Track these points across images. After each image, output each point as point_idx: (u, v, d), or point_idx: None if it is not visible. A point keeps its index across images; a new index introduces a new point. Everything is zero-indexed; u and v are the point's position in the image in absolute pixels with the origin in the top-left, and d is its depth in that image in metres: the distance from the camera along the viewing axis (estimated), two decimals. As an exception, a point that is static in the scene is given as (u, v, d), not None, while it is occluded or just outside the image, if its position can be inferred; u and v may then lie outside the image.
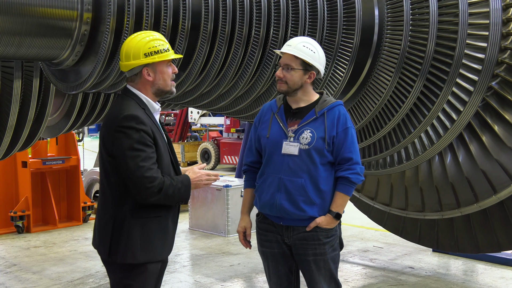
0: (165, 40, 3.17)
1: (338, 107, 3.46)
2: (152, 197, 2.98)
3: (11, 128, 4.83)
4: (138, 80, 3.14)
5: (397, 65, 4.45)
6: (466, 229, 5.76)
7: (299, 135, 3.40)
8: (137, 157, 2.95)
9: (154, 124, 3.11)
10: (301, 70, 3.40)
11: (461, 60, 4.56)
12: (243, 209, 3.69)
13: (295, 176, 3.38)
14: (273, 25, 4.10)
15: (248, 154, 3.67)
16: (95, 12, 3.63)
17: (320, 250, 3.42)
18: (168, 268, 6.78)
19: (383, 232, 8.14)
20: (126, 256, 3.07)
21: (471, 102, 4.74)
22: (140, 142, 2.97)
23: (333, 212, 3.41)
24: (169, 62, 3.17)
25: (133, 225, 3.07)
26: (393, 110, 4.68)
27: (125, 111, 3.02)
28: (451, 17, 4.52)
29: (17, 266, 7.03)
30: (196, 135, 22.38)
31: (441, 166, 5.43)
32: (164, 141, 3.17)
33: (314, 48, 3.43)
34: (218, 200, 8.62)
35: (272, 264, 3.57)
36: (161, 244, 3.15)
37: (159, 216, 3.13)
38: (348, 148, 3.39)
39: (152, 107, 3.16)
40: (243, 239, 3.65)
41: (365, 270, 6.76)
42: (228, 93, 4.44)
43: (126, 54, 3.10)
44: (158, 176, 2.99)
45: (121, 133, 2.98)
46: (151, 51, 3.08)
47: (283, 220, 3.45)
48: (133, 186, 2.98)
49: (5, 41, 3.49)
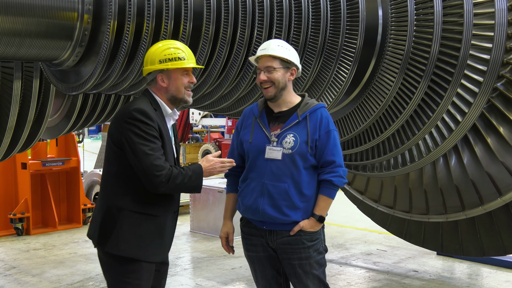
0: (185, 50, 3.28)
1: (320, 109, 3.47)
2: (161, 186, 3.07)
3: (11, 129, 4.84)
4: (154, 85, 3.29)
5: (401, 66, 4.45)
6: (471, 232, 5.76)
7: (282, 139, 3.42)
8: (146, 146, 3.06)
9: (163, 125, 3.21)
10: (282, 69, 3.44)
11: (466, 61, 4.55)
12: (225, 214, 3.72)
13: (278, 181, 3.39)
14: (276, 26, 4.10)
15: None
16: (96, 12, 3.64)
17: (305, 254, 3.43)
18: (169, 271, 6.77)
19: (386, 235, 8.13)
20: (116, 247, 3.13)
21: (476, 104, 4.74)
22: (148, 133, 3.08)
23: (316, 215, 3.43)
24: (185, 71, 3.27)
25: (127, 218, 3.13)
26: (397, 112, 4.67)
27: (135, 105, 3.15)
28: (456, 18, 4.52)
29: (17, 268, 7.04)
30: (197, 137, 22.38)
31: (445, 168, 5.43)
32: (171, 144, 3.25)
33: (287, 47, 3.49)
34: (219, 203, 8.62)
35: (259, 268, 3.59)
36: (155, 245, 3.20)
37: (156, 215, 3.18)
38: (330, 151, 3.41)
39: (165, 111, 3.28)
40: (225, 245, 3.68)
41: (369, 273, 6.76)
42: (230, 94, 4.44)
43: (145, 60, 3.29)
44: (166, 166, 3.08)
45: (130, 124, 3.09)
46: (166, 58, 3.21)
47: (266, 224, 3.47)
48: (142, 174, 3.08)
49: (5, 42, 3.50)
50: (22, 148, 5.44)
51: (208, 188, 8.83)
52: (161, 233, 3.22)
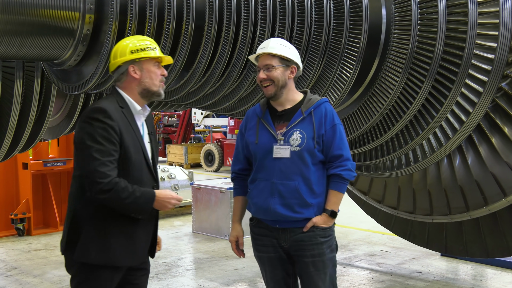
0: (155, 43, 3.21)
1: (324, 104, 3.48)
2: (99, 194, 2.93)
3: (12, 129, 4.85)
4: (124, 79, 3.17)
5: (405, 65, 4.44)
6: (475, 233, 5.75)
7: (289, 137, 3.41)
8: (94, 150, 2.93)
9: (129, 124, 3.09)
10: (282, 67, 3.43)
11: (470, 61, 4.55)
12: (234, 217, 3.71)
13: (288, 179, 3.39)
14: (278, 25, 4.11)
15: (236, 162, 3.68)
16: (97, 11, 3.64)
17: (318, 251, 3.43)
18: (171, 272, 6.79)
19: (390, 235, 8.12)
20: (80, 254, 3.06)
21: (480, 103, 4.73)
22: (102, 136, 2.96)
23: (328, 211, 3.43)
24: (157, 62, 3.18)
25: (92, 224, 3.04)
26: (401, 111, 4.67)
27: (97, 104, 3.05)
28: (460, 17, 4.52)
29: (18, 269, 7.05)
30: (199, 137, 22.40)
31: (449, 168, 5.42)
32: (138, 143, 3.11)
33: (287, 45, 3.48)
34: (221, 203, 8.63)
35: (269, 269, 3.57)
36: (124, 250, 3.09)
37: (123, 220, 3.06)
38: (337, 145, 3.42)
39: (134, 108, 3.16)
40: (236, 249, 3.68)
41: (372, 274, 6.75)
42: (233, 94, 4.44)
43: (114, 54, 3.17)
44: (111, 174, 2.93)
45: (86, 123, 2.99)
46: (137, 48, 3.12)
47: (279, 223, 3.46)
48: (85, 177, 2.97)
49: (7, 41, 3.51)
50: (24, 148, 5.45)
51: (210, 189, 8.84)
52: (131, 237, 3.11)
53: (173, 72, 4.03)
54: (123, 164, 3.03)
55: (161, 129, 21.81)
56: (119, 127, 3.01)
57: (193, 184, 9.27)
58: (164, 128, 21.88)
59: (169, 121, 22.27)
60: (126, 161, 3.04)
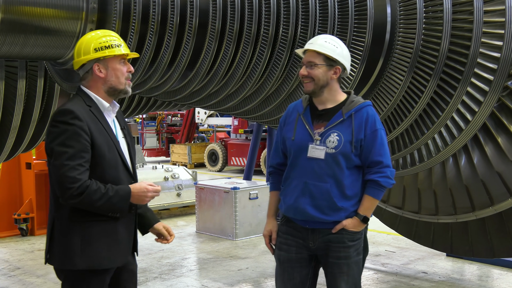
0: (119, 38, 3.13)
1: (366, 108, 3.40)
2: (71, 199, 2.88)
3: (15, 129, 4.86)
4: (90, 78, 3.09)
5: (410, 64, 4.44)
6: (481, 233, 5.73)
7: (326, 138, 3.35)
8: (63, 154, 2.87)
9: (99, 122, 3.03)
10: (325, 66, 3.36)
11: (476, 59, 4.54)
12: (269, 212, 3.65)
13: (320, 181, 3.34)
14: (283, 24, 4.10)
15: (274, 155, 3.63)
16: (100, 11, 3.64)
17: (344, 254, 3.39)
18: (174, 272, 6.80)
19: (395, 236, 8.11)
20: (64, 262, 3.00)
21: (486, 103, 4.72)
22: (70, 138, 2.90)
23: (360, 215, 3.38)
24: (123, 59, 3.10)
25: (71, 228, 2.98)
26: (406, 111, 4.66)
27: (62, 106, 3.00)
28: (466, 15, 4.51)
29: (21, 269, 7.07)
30: (203, 136, 22.42)
31: (455, 168, 5.41)
32: (110, 140, 3.05)
33: (336, 44, 3.40)
34: (225, 203, 8.63)
35: (287, 270, 3.51)
36: (107, 251, 3.02)
37: (103, 220, 3.01)
38: (377, 151, 3.35)
39: (102, 105, 3.09)
40: (268, 243, 3.61)
41: (377, 275, 6.75)
42: (236, 93, 4.44)
43: (77, 51, 3.09)
44: (81, 178, 2.87)
45: (54, 127, 2.95)
46: (101, 46, 3.03)
47: (308, 223, 3.42)
48: (55, 183, 2.92)
49: (10, 40, 3.51)
50: (27, 148, 5.47)
51: (214, 189, 8.84)
52: (113, 236, 3.05)
53: (176, 71, 4.04)
54: (97, 164, 2.97)
55: (164, 128, 21.82)
56: (89, 127, 2.95)
57: (196, 184, 9.27)
58: (168, 128, 21.90)
59: (173, 121, 22.28)
60: (100, 160, 2.98)
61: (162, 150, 21.06)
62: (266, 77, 4.30)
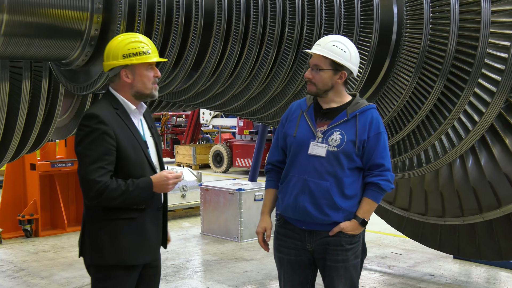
0: (148, 43, 3.19)
1: (371, 110, 3.42)
2: (92, 200, 3.03)
3: (20, 130, 4.87)
4: (118, 81, 3.20)
5: (416, 64, 4.43)
6: (489, 235, 5.72)
7: (328, 136, 3.35)
8: (85, 157, 3.02)
9: (125, 125, 3.14)
10: (331, 71, 3.35)
11: (484, 60, 4.52)
12: (263, 209, 3.63)
13: (321, 179, 3.34)
14: (288, 23, 4.10)
15: (273, 152, 3.62)
16: (105, 11, 3.65)
17: (342, 257, 3.39)
18: (179, 274, 6.80)
19: (401, 238, 8.10)
20: (94, 257, 3.14)
21: (493, 103, 4.71)
22: (93, 142, 3.02)
23: (359, 218, 3.37)
24: (150, 65, 3.18)
25: (101, 225, 3.12)
26: (413, 112, 4.66)
27: (89, 110, 3.11)
28: (473, 15, 4.50)
29: (26, 271, 7.09)
30: (208, 137, 22.45)
31: (462, 169, 5.40)
32: (136, 143, 3.15)
33: (345, 47, 3.38)
34: (230, 204, 8.63)
35: (287, 272, 3.52)
36: (136, 248, 3.15)
37: (132, 218, 3.13)
38: (380, 154, 3.36)
39: (128, 108, 3.20)
40: (262, 241, 3.60)
41: (383, 277, 6.73)
42: (242, 94, 4.44)
43: (107, 55, 3.17)
44: (101, 180, 2.99)
45: (80, 131, 3.08)
46: (129, 53, 3.12)
47: (305, 224, 3.41)
48: (80, 185, 3.07)
49: (15, 41, 3.53)
50: (31, 149, 5.48)
51: (219, 190, 8.85)
52: (142, 234, 3.17)
53: (181, 72, 4.04)
54: (122, 166, 3.09)
55: (169, 129, 21.86)
56: (114, 131, 3.06)
57: (201, 185, 9.28)
58: (172, 129, 21.93)
59: (177, 122, 22.32)
60: (126, 162, 3.10)
61: (166, 151, 21.11)
62: (272, 78, 4.30)
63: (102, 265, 3.13)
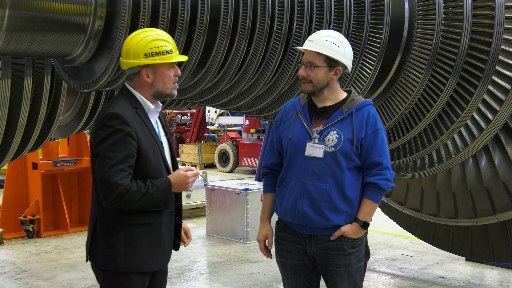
0: (170, 40, 3.15)
1: (367, 107, 3.37)
2: (113, 204, 2.98)
3: (22, 128, 4.88)
4: (137, 80, 3.15)
5: (428, 61, 4.42)
6: (502, 237, 5.70)
7: (325, 136, 3.31)
8: (108, 159, 2.96)
9: (145, 125, 3.11)
10: (326, 67, 3.31)
11: (497, 57, 4.51)
12: (263, 215, 3.61)
13: (319, 181, 3.30)
14: (296, 19, 4.10)
15: (269, 155, 3.58)
16: (109, 6, 3.66)
17: (344, 261, 3.35)
18: (184, 276, 6.81)
19: (412, 239, 8.08)
20: (107, 262, 3.08)
21: (508, 101, 4.69)
22: (116, 144, 2.98)
23: (360, 221, 3.33)
24: (171, 64, 3.15)
25: (117, 230, 3.07)
26: (424, 110, 4.64)
27: (111, 109, 3.05)
28: (487, 11, 4.48)
29: (27, 272, 7.11)
30: (213, 136, 22.44)
31: (475, 169, 5.38)
32: (155, 144, 3.14)
33: (338, 42, 3.34)
34: (237, 205, 8.63)
35: (291, 277, 3.50)
36: (150, 254, 3.12)
37: (148, 223, 3.10)
38: (378, 151, 3.31)
39: (147, 107, 3.17)
40: (264, 248, 3.58)
41: (394, 279, 6.72)
42: (248, 92, 4.44)
43: (126, 52, 3.11)
44: (123, 183, 2.95)
45: (101, 130, 3.01)
46: (152, 52, 3.07)
47: (305, 228, 3.38)
48: (98, 186, 3.01)
49: (17, 37, 3.53)
50: (33, 147, 5.49)
51: (225, 190, 8.85)
52: (156, 240, 3.14)
53: (187, 69, 4.04)
54: (141, 168, 3.06)
55: (174, 128, 21.88)
56: (136, 132, 3.03)
57: (207, 185, 9.29)
58: (177, 127, 21.96)
59: (182, 120, 22.32)
60: (145, 165, 3.07)
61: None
62: (279, 75, 4.29)
63: (115, 271, 3.09)
